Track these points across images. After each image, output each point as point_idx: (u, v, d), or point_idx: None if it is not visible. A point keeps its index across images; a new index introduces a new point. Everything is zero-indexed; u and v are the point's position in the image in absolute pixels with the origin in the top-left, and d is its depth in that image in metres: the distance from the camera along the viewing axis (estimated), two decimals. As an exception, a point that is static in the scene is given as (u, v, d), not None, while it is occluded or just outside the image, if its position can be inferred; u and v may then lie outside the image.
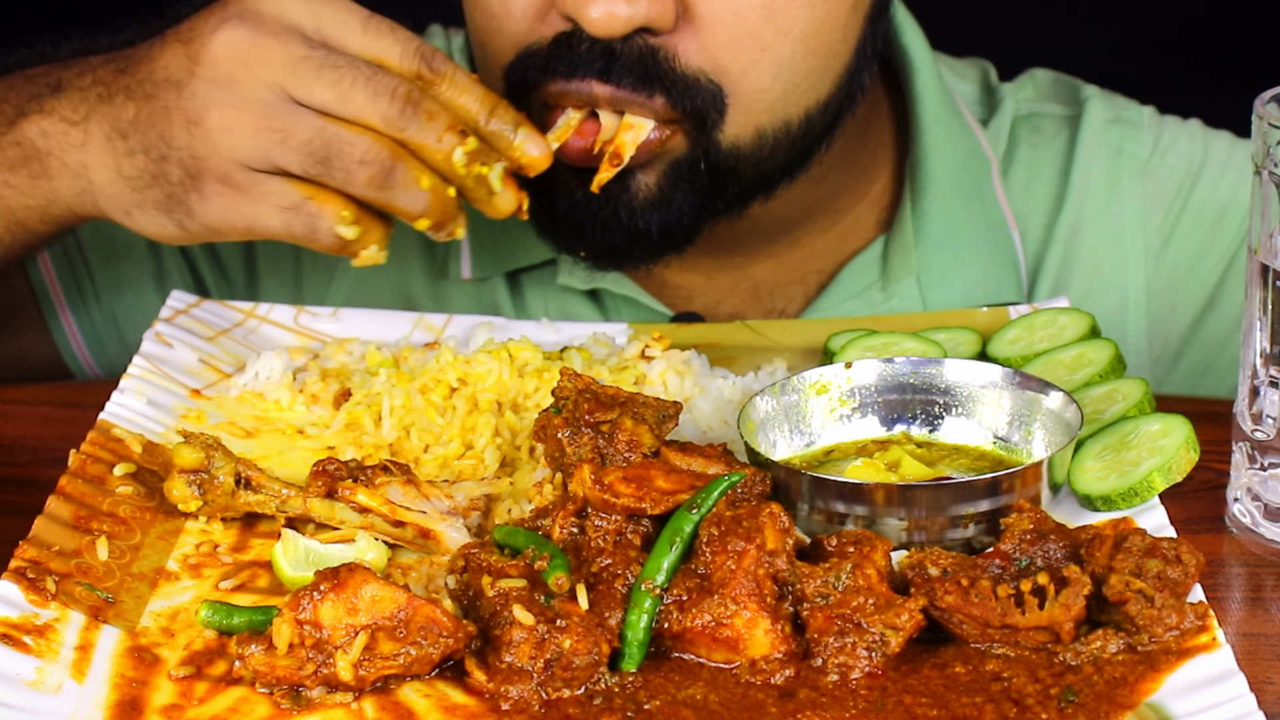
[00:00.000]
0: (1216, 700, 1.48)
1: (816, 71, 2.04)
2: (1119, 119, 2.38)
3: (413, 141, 1.88)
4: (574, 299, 2.30)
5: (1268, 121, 1.67)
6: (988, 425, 1.83)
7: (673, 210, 2.04)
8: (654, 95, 1.97)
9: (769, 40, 1.98)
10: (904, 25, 2.33)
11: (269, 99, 1.86)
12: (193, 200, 1.91)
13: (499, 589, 1.58)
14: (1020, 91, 2.42)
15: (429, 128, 1.88)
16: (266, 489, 1.75)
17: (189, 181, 1.90)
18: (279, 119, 1.86)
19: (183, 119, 1.89)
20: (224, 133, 1.87)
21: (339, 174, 1.87)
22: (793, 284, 2.31)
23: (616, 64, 1.96)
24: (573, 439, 1.71)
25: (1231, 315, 2.32)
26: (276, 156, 1.87)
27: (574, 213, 2.05)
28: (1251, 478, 1.76)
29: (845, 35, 2.05)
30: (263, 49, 1.86)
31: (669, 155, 2.02)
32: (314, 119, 1.86)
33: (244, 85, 1.87)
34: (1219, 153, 2.37)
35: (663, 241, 2.08)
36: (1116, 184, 2.35)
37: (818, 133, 2.10)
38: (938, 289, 2.28)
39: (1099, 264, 2.34)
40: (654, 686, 1.54)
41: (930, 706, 1.51)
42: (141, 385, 1.95)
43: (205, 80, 1.88)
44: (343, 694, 1.53)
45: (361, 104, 1.86)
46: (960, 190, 2.30)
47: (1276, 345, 1.71)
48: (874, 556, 1.59)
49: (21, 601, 1.60)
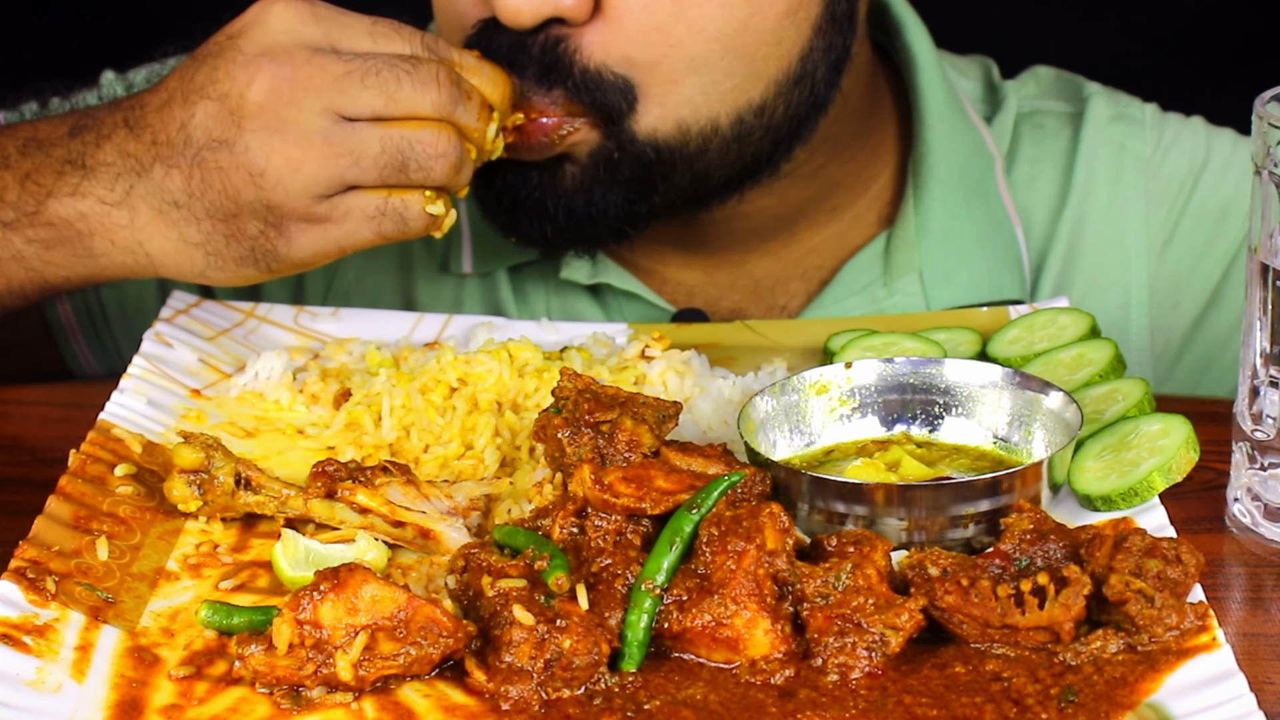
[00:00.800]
0: (1216, 700, 1.48)
1: (741, 72, 2.04)
2: (1122, 116, 2.38)
3: (459, 122, 1.91)
4: (576, 294, 2.31)
5: (1268, 121, 1.67)
6: (988, 425, 1.83)
7: (596, 201, 2.07)
8: (552, 88, 2.00)
9: (680, 36, 1.99)
10: (907, 22, 2.33)
11: (325, 126, 1.86)
12: (279, 246, 1.91)
13: (499, 589, 1.58)
14: (1023, 89, 2.42)
15: (470, 107, 1.91)
16: (266, 489, 1.75)
17: (270, 230, 1.90)
18: (343, 142, 1.86)
19: (244, 174, 1.87)
20: (293, 174, 1.86)
21: (417, 174, 1.89)
22: (793, 280, 2.31)
23: (523, 55, 1.99)
24: (573, 439, 1.71)
25: (1233, 313, 2.32)
26: (352, 177, 1.88)
27: (506, 197, 2.10)
28: (1251, 478, 1.76)
29: (778, 40, 2.05)
30: (303, 80, 1.86)
31: (586, 145, 2.04)
32: (374, 131, 1.87)
33: (297, 122, 1.86)
34: (1221, 150, 2.37)
35: (589, 231, 2.10)
36: (1119, 181, 2.35)
37: (759, 136, 2.09)
38: (940, 286, 2.28)
39: (1102, 261, 2.34)
40: (654, 686, 1.54)
41: (930, 706, 1.51)
42: (141, 385, 1.95)
43: (257, 130, 1.86)
44: (343, 694, 1.53)
45: (411, 98, 1.87)
46: (963, 186, 2.30)
47: (1276, 345, 1.71)
48: (874, 556, 1.59)
49: (21, 601, 1.60)
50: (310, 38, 1.89)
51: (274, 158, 1.86)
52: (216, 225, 1.91)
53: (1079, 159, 2.35)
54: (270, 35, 1.88)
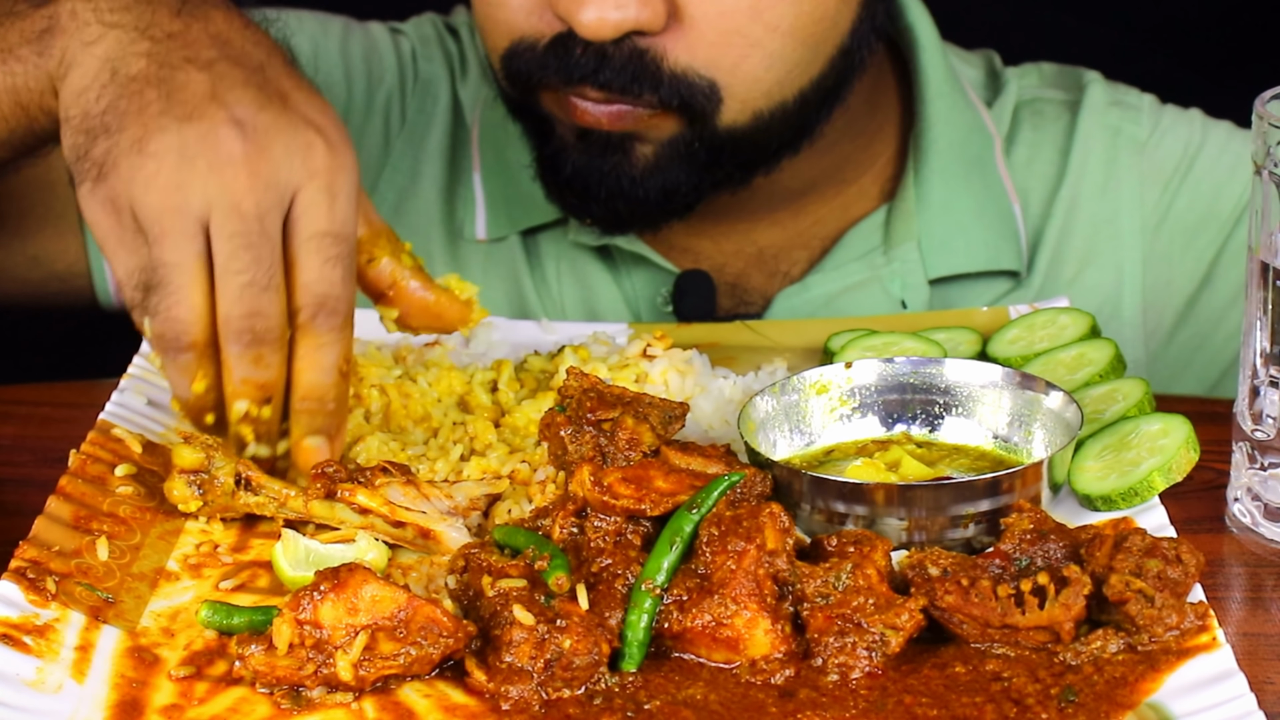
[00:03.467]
0: (1216, 700, 1.48)
1: (808, 59, 2.11)
2: (1119, 102, 2.44)
3: (224, 359, 1.72)
4: (585, 257, 2.36)
5: (1268, 121, 1.67)
6: (988, 425, 1.83)
7: (670, 178, 2.12)
8: (642, 94, 2.05)
9: (758, 36, 2.05)
10: (909, 4, 2.39)
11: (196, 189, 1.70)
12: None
13: (499, 589, 1.58)
14: (1025, 78, 2.49)
15: (241, 367, 1.71)
16: (267, 490, 1.75)
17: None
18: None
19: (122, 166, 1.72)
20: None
21: (153, 299, 1.72)
22: (797, 249, 2.37)
23: (607, 67, 2.03)
24: (574, 437, 1.72)
25: (1226, 292, 2.37)
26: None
27: (577, 179, 2.14)
28: (1251, 478, 1.76)
29: (836, 23, 2.12)
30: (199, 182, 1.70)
31: (663, 131, 2.09)
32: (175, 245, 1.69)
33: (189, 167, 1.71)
34: (1217, 137, 2.42)
35: (663, 207, 2.16)
36: (1114, 162, 2.41)
37: (814, 106, 2.17)
38: (938, 254, 2.33)
39: (1096, 238, 2.38)
40: (654, 686, 1.54)
41: (930, 706, 1.51)
42: (141, 385, 1.95)
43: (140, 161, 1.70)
44: (343, 694, 1.53)
45: (232, 285, 1.69)
46: (962, 161, 2.36)
47: (1276, 345, 1.71)
48: (874, 556, 1.59)
49: (21, 601, 1.60)
50: (289, 179, 1.71)
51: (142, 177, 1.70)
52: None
53: (1076, 141, 2.41)
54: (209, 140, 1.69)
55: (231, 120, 1.69)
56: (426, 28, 2.53)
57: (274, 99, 1.72)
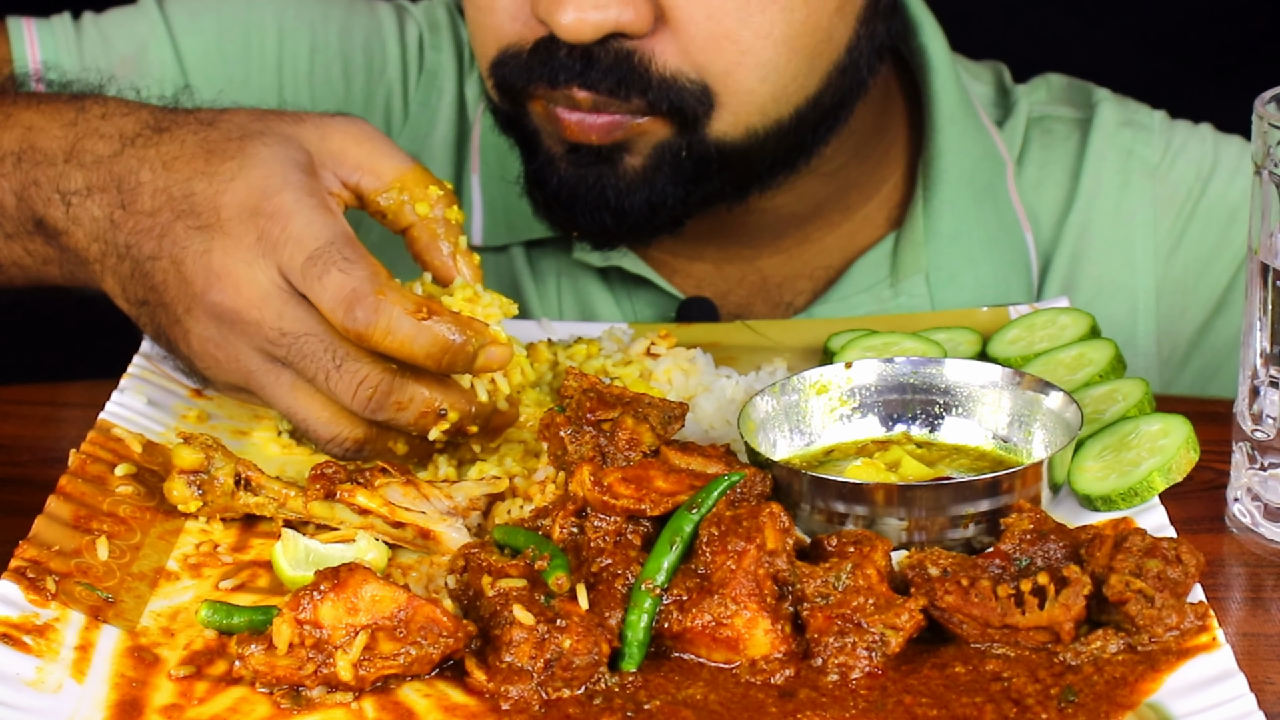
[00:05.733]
0: (1216, 700, 1.48)
1: (804, 72, 2.07)
2: (1130, 122, 2.38)
3: (388, 424, 1.80)
4: (587, 277, 2.33)
5: (1268, 121, 1.67)
6: (988, 425, 1.83)
7: (656, 191, 2.08)
8: (630, 97, 2.01)
9: (749, 42, 2.01)
10: (923, 24, 2.34)
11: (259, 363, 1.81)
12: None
13: (499, 589, 1.58)
14: (1034, 94, 2.43)
15: (400, 418, 1.77)
16: (266, 490, 1.75)
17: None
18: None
19: (183, 334, 1.84)
20: (217, 368, 1.84)
21: (313, 438, 1.83)
22: (801, 279, 2.33)
23: (594, 69, 2.00)
24: (574, 437, 1.72)
25: (1240, 320, 2.32)
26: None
27: (563, 192, 2.10)
28: (1251, 478, 1.76)
29: (831, 36, 2.08)
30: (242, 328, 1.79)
31: (651, 139, 2.05)
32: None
33: (236, 347, 1.80)
34: (1229, 157, 2.36)
35: (650, 221, 2.11)
36: (1127, 186, 2.35)
37: (811, 125, 2.13)
38: (947, 287, 2.29)
39: (1108, 265, 2.34)
40: (654, 686, 1.54)
41: (930, 706, 1.51)
42: (141, 385, 1.95)
43: (203, 323, 1.81)
44: (343, 694, 1.53)
45: (324, 387, 1.77)
46: (973, 190, 2.31)
47: (1276, 345, 1.71)
48: (874, 556, 1.59)
49: (21, 601, 1.60)
50: (267, 270, 1.77)
51: (204, 354, 1.83)
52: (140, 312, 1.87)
53: (1086, 163, 2.35)
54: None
55: (205, 297, 1.77)
56: (439, 11, 2.48)
57: (214, 231, 1.78)
